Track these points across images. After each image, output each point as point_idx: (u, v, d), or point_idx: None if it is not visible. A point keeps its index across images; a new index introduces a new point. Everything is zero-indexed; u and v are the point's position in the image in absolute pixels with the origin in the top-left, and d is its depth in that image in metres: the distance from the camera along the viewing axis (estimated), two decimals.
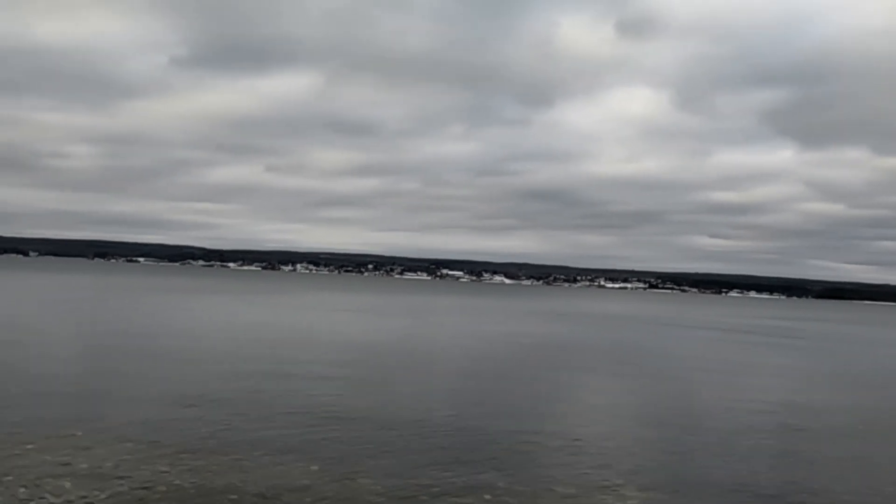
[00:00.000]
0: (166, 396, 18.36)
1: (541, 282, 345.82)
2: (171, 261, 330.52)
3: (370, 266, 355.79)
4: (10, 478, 11.14)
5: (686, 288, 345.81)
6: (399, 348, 34.59)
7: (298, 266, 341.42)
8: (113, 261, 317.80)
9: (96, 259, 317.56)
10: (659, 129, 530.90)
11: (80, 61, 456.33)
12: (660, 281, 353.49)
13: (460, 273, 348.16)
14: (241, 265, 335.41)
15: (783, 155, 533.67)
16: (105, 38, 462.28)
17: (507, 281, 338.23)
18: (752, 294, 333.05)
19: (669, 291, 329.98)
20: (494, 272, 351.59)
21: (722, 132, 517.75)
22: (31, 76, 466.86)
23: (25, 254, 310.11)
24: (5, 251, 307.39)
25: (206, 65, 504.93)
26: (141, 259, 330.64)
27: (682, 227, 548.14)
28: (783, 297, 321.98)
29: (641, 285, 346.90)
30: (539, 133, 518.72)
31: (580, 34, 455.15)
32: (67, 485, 10.99)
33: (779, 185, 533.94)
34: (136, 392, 18.90)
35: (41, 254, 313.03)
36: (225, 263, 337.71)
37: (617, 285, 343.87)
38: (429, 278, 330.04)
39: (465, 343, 40.22)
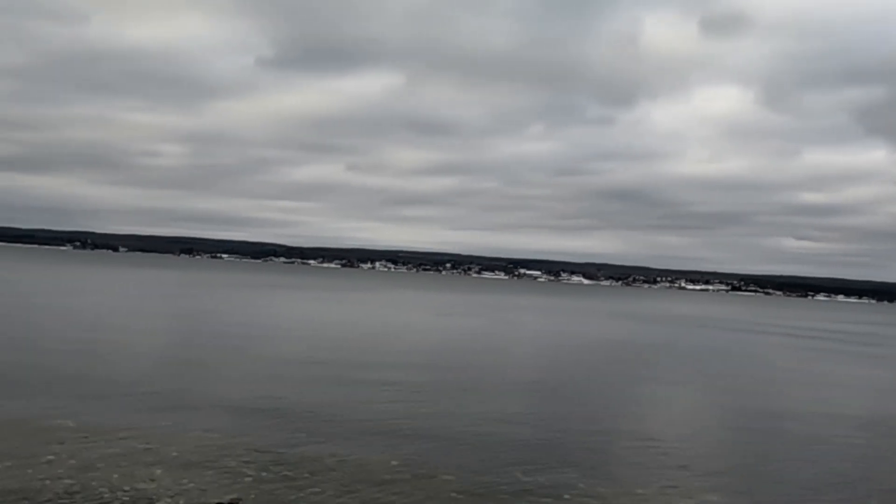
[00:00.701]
0: (251, 390, 18.84)
1: (620, 283, 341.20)
2: (253, 258, 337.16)
3: (448, 265, 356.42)
4: (103, 464, 11.59)
5: (770, 291, 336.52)
6: (479, 347, 34.68)
7: (377, 264, 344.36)
8: (198, 257, 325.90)
9: (182, 255, 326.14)
10: (744, 129, 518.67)
11: (169, 63, 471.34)
12: (743, 283, 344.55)
13: (538, 273, 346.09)
14: (321, 262, 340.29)
15: (875, 155, 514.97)
16: (194, 40, 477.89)
17: (586, 281, 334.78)
18: (840, 298, 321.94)
19: (753, 294, 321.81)
20: (573, 272, 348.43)
21: (810, 131, 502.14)
22: (123, 78, 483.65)
23: (115, 249, 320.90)
24: (97, 247, 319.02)
25: (291, 65, 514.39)
26: (224, 255, 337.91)
27: (767, 229, 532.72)
28: (873, 302, 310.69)
29: (724, 287, 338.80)
30: (620, 132, 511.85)
31: (664, 32, 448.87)
32: (158, 472, 11.38)
33: (870, 185, 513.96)
34: (223, 386, 19.45)
35: (130, 249, 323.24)
36: (305, 261, 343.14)
37: (698, 287, 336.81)
38: (506, 278, 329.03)
39: (545, 343, 40.10)
